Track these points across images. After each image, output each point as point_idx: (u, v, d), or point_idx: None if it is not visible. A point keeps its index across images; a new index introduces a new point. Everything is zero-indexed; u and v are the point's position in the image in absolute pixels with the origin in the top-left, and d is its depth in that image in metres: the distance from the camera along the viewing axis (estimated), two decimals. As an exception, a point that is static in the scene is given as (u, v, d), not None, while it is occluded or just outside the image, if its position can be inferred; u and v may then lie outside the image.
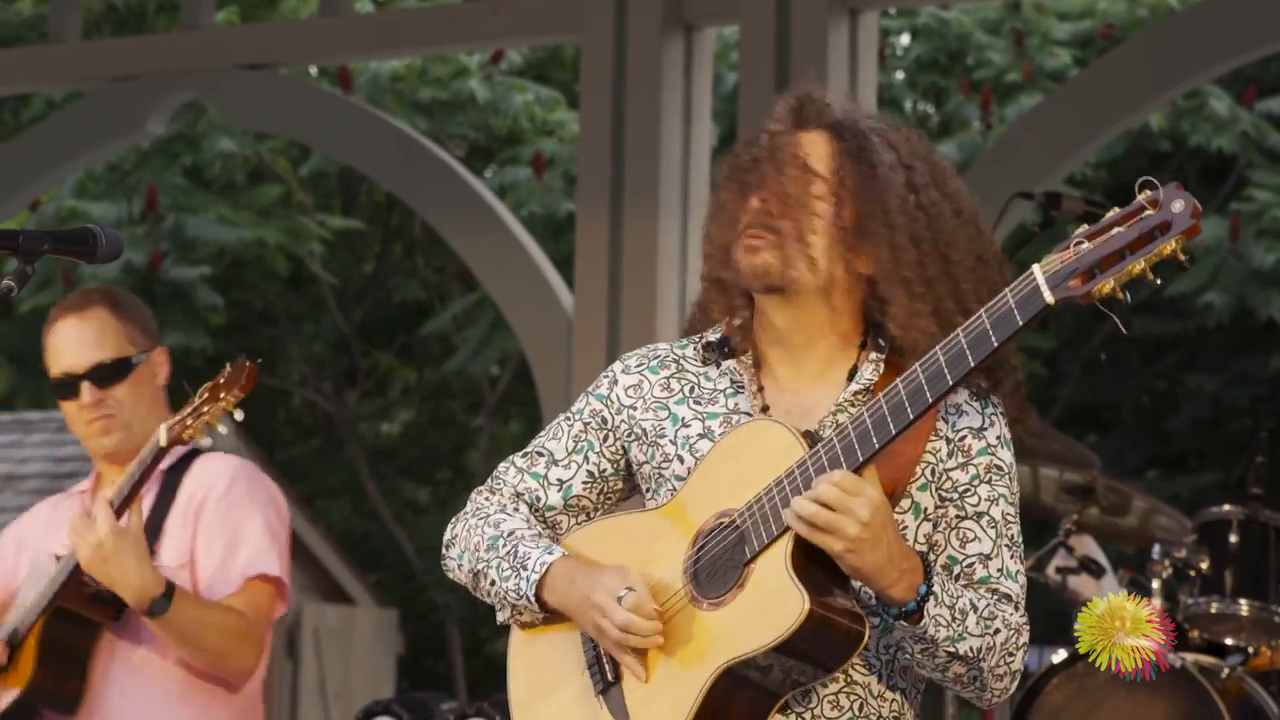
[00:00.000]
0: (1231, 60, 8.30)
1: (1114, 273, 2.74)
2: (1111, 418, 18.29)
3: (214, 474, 4.28)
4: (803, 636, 2.87)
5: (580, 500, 3.24)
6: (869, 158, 3.07)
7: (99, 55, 10.48)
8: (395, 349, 19.73)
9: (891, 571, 2.88)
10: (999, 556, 3.06)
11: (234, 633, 4.10)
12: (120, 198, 14.33)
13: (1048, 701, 5.88)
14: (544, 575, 3.09)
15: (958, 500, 3.05)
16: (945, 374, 2.86)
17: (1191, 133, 14.37)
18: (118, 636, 4.17)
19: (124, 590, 3.98)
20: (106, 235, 3.33)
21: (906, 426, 2.88)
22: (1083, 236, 2.78)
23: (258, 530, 4.21)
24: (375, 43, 9.79)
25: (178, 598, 4.00)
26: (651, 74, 8.30)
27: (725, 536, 2.99)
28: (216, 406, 3.99)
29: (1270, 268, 13.86)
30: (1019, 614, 3.05)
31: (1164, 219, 2.72)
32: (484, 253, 9.30)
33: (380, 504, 18.29)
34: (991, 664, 2.99)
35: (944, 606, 2.93)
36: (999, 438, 3.08)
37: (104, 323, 4.36)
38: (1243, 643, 6.07)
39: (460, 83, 14.67)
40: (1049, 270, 2.79)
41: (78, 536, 3.98)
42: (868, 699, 3.05)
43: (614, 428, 3.23)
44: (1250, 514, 5.99)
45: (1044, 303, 2.78)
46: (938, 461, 3.06)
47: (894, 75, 15.59)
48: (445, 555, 3.29)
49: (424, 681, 18.99)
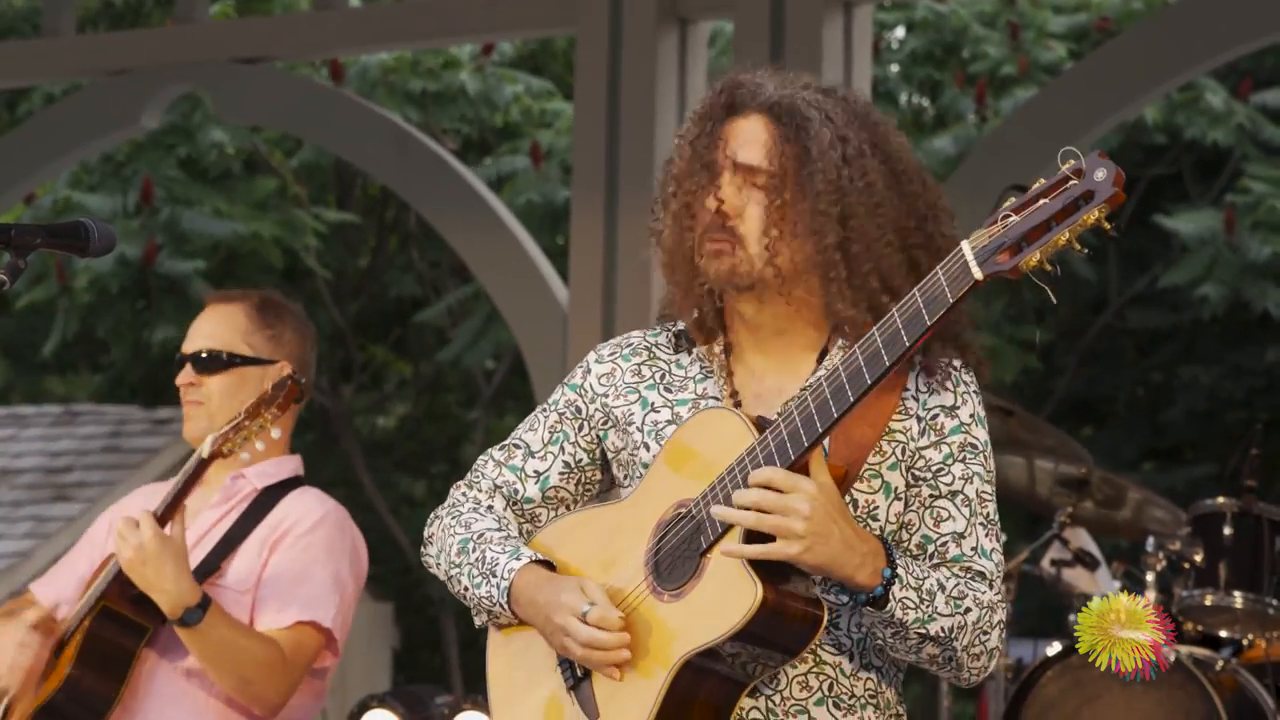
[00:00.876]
0: (1226, 53, 8.30)
1: (1040, 244, 2.73)
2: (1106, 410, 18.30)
3: (305, 509, 4.29)
4: (759, 624, 2.88)
5: (558, 491, 3.25)
6: (805, 140, 3.06)
7: (94, 49, 10.48)
8: (390, 343, 19.72)
9: (852, 558, 2.88)
10: (973, 534, 3.05)
11: (264, 664, 4.08)
12: (115, 190, 14.31)
13: (1042, 694, 5.88)
14: (510, 585, 3.09)
15: (931, 479, 3.05)
16: (882, 355, 2.86)
17: (1187, 126, 14.37)
18: (168, 644, 4.16)
19: (159, 596, 3.98)
20: (99, 229, 3.34)
21: (848, 409, 2.87)
22: (1009, 210, 2.78)
23: (326, 578, 4.21)
24: (369, 36, 9.80)
25: (212, 612, 4.00)
26: (646, 67, 8.31)
27: (683, 527, 3.00)
28: (256, 422, 4.02)
29: (1266, 260, 13.85)
30: (993, 591, 3.03)
31: (1087, 188, 2.71)
32: (479, 246, 9.30)
33: (376, 497, 18.28)
34: (965, 643, 2.98)
35: (909, 589, 2.92)
36: (972, 415, 3.08)
37: (232, 317, 4.39)
38: (1237, 635, 6.08)
39: (451, 74, 14.67)
40: (977, 246, 2.78)
41: (121, 539, 3.99)
42: (838, 679, 3.05)
43: (588, 417, 3.24)
44: (1244, 506, 6.00)
45: (972, 279, 2.78)
46: (909, 440, 3.05)
47: (889, 68, 15.58)
48: (424, 553, 3.31)
49: (419, 675, 18.99)
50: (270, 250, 15.16)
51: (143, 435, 15.05)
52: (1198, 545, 6.01)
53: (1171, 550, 6.04)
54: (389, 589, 18.26)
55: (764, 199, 3.06)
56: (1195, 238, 14.24)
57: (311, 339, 4.49)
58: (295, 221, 15.31)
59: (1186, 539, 6.04)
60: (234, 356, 4.34)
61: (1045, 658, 5.96)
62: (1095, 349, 17.63)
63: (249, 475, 4.36)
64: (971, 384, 3.10)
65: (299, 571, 4.19)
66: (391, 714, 6.36)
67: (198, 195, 14.51)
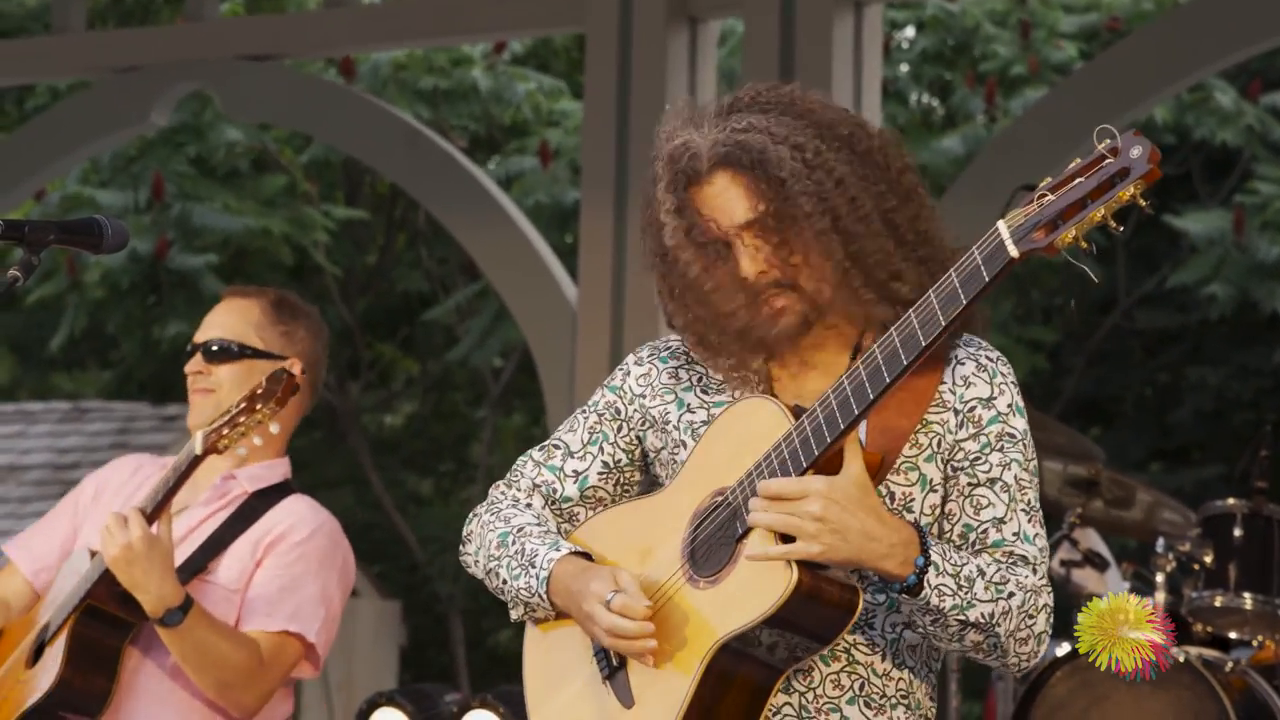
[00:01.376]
0: (1236, 54, 8.30)
1: (1075, 221, 2.73)
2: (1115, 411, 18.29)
3: (300, 517, 4.28)
4: (793, 608, 2.88)
5: (596, 491, 3.26)
6: (769, 169, 3.04)
7: (103, 46, 10.48)
8: (399, 340, 19.73)
9: (876, 548, 2.87)
10: (1014, 520, 3.04)
11: (242, 668, 4.08)
12: (126, 186, 14.32)
13: (1051, 695, 5.88)
14: (550, 575, 3.10)
15: (969, 468, 3.04)
16: (919, 336, 2.86)
17: (1196, 126, 14.36)
18: (152, 639, 4.16)
19: (142, 595, 3.97)
20: (112, 225, 3.33)
21: (884, 390, 2.87)
22: (1046, 189, 2.78)
23: (315, 591, 4.20)
24: (380, 34, 9.80)
25: (194, 614, 3.99)
26: (656, 66, 8.31)
27: (719, 514, 3.01)
28: (253, 418, 3.98)
29: (1274, 260, 13.85)
30: (1036, 576, 3.02)
31: (1123, 165, 2.71)
32: (488, 244, 9.31)
33: (383, 496, 18.29)
34: (1009, 628, 2.97)
35: (946, 576, 2.91)
36: (1010, 405, 3.08)
37: (247, 311, 4.39)
38: (1247, 636, 6.07)
39: (463, 71, 14.67)
40: (1014, 224, 2.79)
41: (109, 536, 3.97)
42: (870, 678, 3.05)
43: (627, 418, 3.24)
44: (1254, 507, 5.99)
45: (1008, 256, 2.78)
46: (945, 432, 3.05)
47: (899, 68, 15.57)
48: (463, 551, 3.31)
49: (427, 673, 18.99)
50: (279, 247, 15.17)
51: (151, 432, 15.08)
52: (1207, 546, 6.00)
53: (1181, 551, 6.03)
54: (396, 587, 18.27)
55: (778, 243, 3.05)
56: (1204, 238, 14.23)
57: (324, 341, 4.48)
58: (304, 218, 15.32)
59: (1196, 540, 6.04)
60: (245, 348, 4.33)
61: (1054, 658, 5.95)
62: (1103, 349, 17.61)
63: (240, 477, 4.35)
64: (1009, 374, 3.10)
65: (290, 581, 4.18)
66: (399, 712, 6.35)
67: (208, 192, 14.52)
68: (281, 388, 3.98)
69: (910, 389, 3.01)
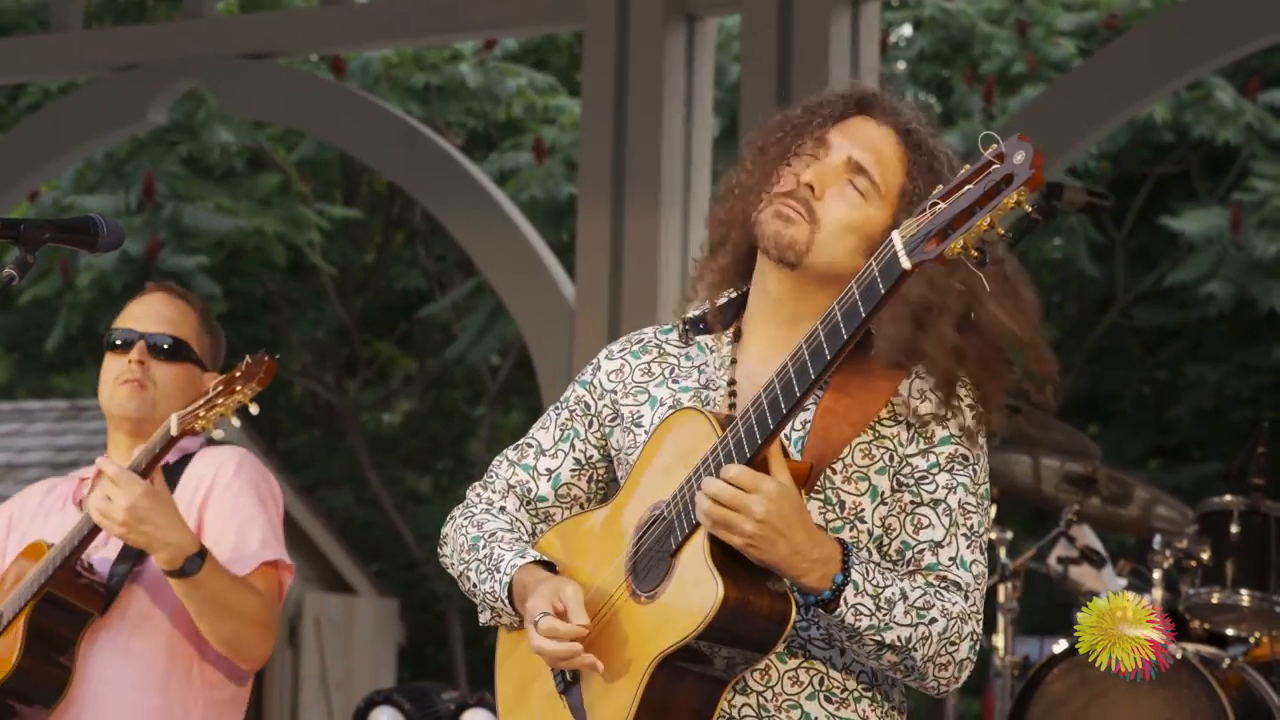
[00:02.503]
0: (1234, 51, 8.29)
1: (964, 231, 2.70)
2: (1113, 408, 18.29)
3: (219, 459, 4.23)
4: (724, 623, 2.87)
5: (570, 489, 3.25)
6: (924, 176, 3.07)
7: (100, 44, 10.48)
8: (396, 338, 19.73)
9: (800, 562, 2.87)
10: (952, 544, 3.01)
11: (254, 613, 4.05)
12: (118, 187, 14.32)
13: (1049, 692, 5.88)
14: (511, 581, 3.11)
15: (913, 486, 3.02)
16: (824, 350, 2.85)
17: (1195, 124, 14.36)
18: (104, 625, 4.12)
19: (161, 549, 3.90)
20: (108, 224, 3.32)
21: (796, 404, 2.85)
22: (938, 197, 2.75)
23: (265, 518, 4.17)
24: (376, 32, 9.80)
25: (210, 560, 3.96)
26: (654, 63, 8.30)
27: (656, 528, 3.00)
28: (231, 399, 3.89)
29: (1272, 258, 13.85)
30: (967, 603, 2.99)
31: (1007, 171, 2.69)
32: (485, 242, 9.31)
33: (381, 493, 18.30)
34: (928, 653, 2.95)
35: (866, 596, 2.90)
36: (963, 428, 3.05)
37: (187, 314, 4.32)
38: (1244, 633, 6.07)
39: (454, 67, 14.68)
40: (906, 235, 2.76)
41: (105, 504, 3.90)
42: (829, 673, 3.04)
43: (597, 413, 3.24)
44: (1251, 504, 5.99)
45: (901, 269, 2.76)
46: (897, 446, 3.03)
47: (896, 66, 15.57)
48: (440, 552, 3.32)
49: (425, 671, 18.99)
50: (274, 246, 15.16)
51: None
52: (1205, 543, 6.00)
53: (1178, 548, 6.03)
54: (395, 585, 18.28)
55: (858, 201, 3.06)
56: (1202, 236, 14.23)
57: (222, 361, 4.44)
58: (299, 217, 15.31)
59: (1194, 537, 6.03)
60: (191, 352, 4.29)
61: (1052, 655, 5.95)
62: (1101, 347, 17.62)
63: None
64: (966, 397, 3.06)
65: (243, 518, 4.12)
66: (397, 711, 6.36)
67: (200, 192, 14.51)
68: (263, 370, 3.91)
69: (859, 398, 3.00)
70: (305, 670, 15.81)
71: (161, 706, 4.14)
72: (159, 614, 4.12)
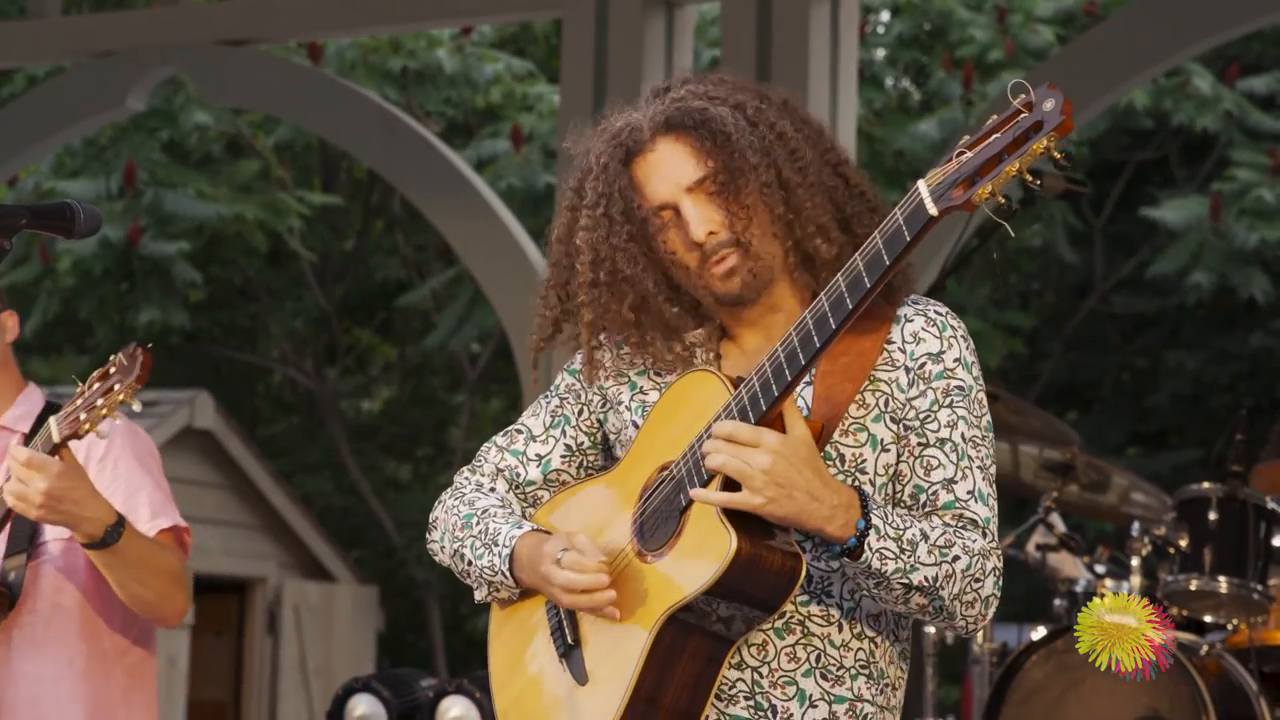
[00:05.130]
0: (1213, 38, 8.30)
1: (992, 177, 2.72)
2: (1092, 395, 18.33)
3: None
4: (734, 576, 2.87)
5: (560, 475, 3.26)
6: (714, 126, 3.04)
7: (79, 30, 10.45)
8: (375, 326, 19.72)
9: (820, 509, 2.86)
10: (967, 479, 3.02)
11: (173, 573, 3.98)
12: (98, 173, 14.30)
13: (1027, 678, 5.88)
14: (513, 552, 3.10)
15: (919, 428, 3.02)
16: (846, 300, 2.85)
17: (1174, 111, 14.39)
18: (14, 624, 4.07)
19: (83, 525, 3.81)
20: (85, 210, 3.31)
21: (816, 355, 2.86)
22: (964, 146, 2.77)
23: (150, 484, 4.07)
24: (354, 19, 9.78)
25: (129, 528, 3.90)
26: (633, 51, 8.29)
27: (665, 487, 3.00)
28: (112, 398, 3.72)
29: (1251, 246, 13.88)
30: (985, 539, 2.99)
31: (1037, 119, 2.70)
32: (465, 230, 9.30)
33: (361, 481, 18.29)
34: (954, 591, 2.94)
35: (888, 539, 2.89)
36: (958, 359, 3.05)
37: None
38: (1222, 620, 6.08)
39: (430, 53, 14.67)
40: (933, 183, 2.78)
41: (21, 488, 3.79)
42: (826, 649, 3.04)
43: (587, 401, 3.25)
44: (1230, 491, 5.99)
45: (928, 215, 2.76)
46: (896, 391, 3.03)
47: (875, 52, 15.57)
48: (429, 538, 3.32)
49: (405, 658, 19.00)
50: (254, 233, 15.15)
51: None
52: (1183, 530, 6.00)
53: (1157, 535, 6.04)
54: (374, 572, 18.28)
55: (725, 201, 3.05)
56: (1181, 225, 14.26)
57: None
58: (279, 204, 15.29)
59: (1172, 524, 6.04)
60: None
61: (1030, 642, 5.95)
62: (1080, 334, 17.65)
63: (7, 422, 4.14)
64: (960, 328, 3.09)
65: (129, 487, 4.03)
66: (375, 698, 6.35)
67: (181, 178, 14.49)
68: (139, 366, 3.70)
69: (855, 352, 3.01)
70: (284, 657, 15.80)
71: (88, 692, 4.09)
72: (66, 600, 4.04)
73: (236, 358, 19.20)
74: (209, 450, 15.00)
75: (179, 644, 14.70)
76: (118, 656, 4.14)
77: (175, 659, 14.62)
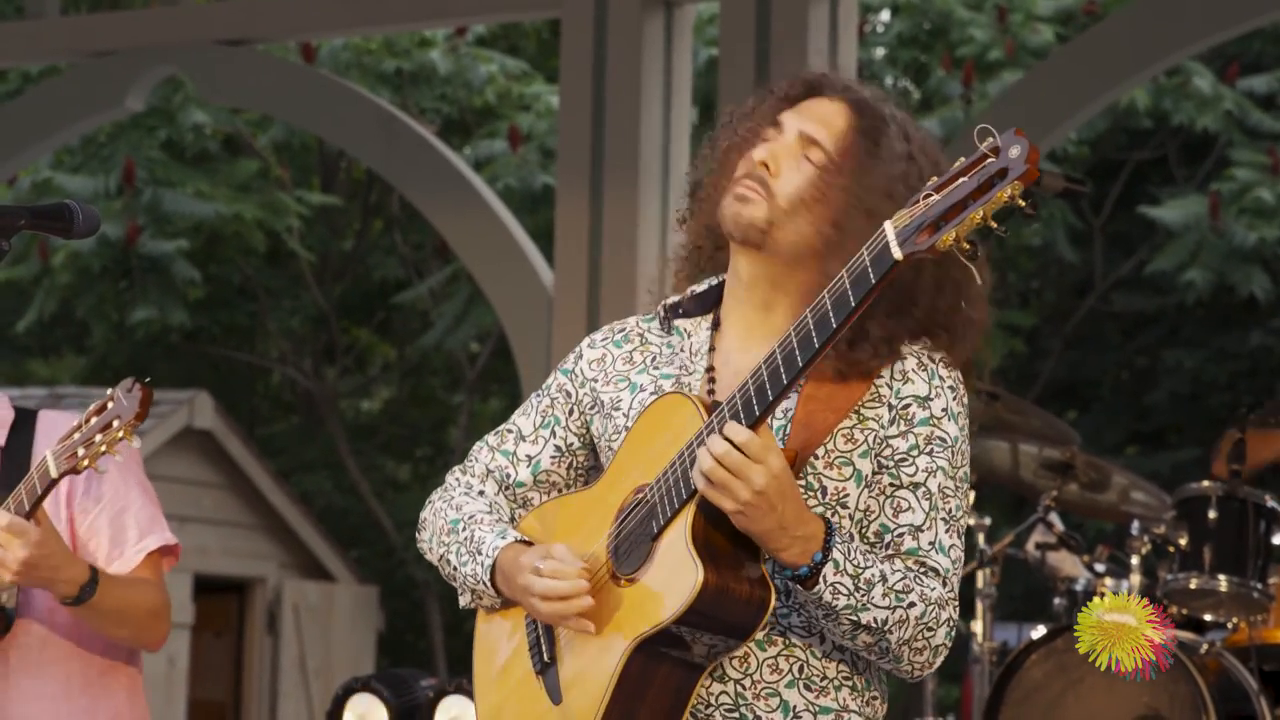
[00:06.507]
0: (1213, 37, 8.30)
1: (957, 223, 2.71)
2: (1091, 394, 18.32)
3: None
4: (703, 607, 2.87)
5: (549, 475, 3.25)
6: (879, 140, 3.07)
7: (77, 30, 10.45)
8: (374, 325, 19.71)
9: (782, 538, 2.87)
10: (931, 528, 3.01)
11: (150, 608, 3.96)
12: (97, 171, 14.29)
13: (1026, 677, 5.88)
14: (495, 563, 3.10)
15: (893, 469, 3.02)
16: (813, 338, 2.85)
17: (1174, 110, 14.38)
18: (11, 645, 4.05)
19: (57, 586, 3.80)
20: (83, 211, 3.30)
21: (784, 390, 2.86)
22: (932, 189, 2.76)
23: (139, 497, 4.06)
24: (352, 19, 9.77)
25: (102, 580, 3.89)
26: (632, 50, 8.29)
27: (639, 512, 3.00)
28: (111, 434, 3.69)
29: (1251, 245, 13.87)
30: (945, 589, 2.99)
31: (1002, 165, 2.69)
32: (464, 229, 9.29)
33: (360, 481, 18.28)
34: (903, 637, 2.95)
35: (845, 575, 2.90)
36: (945, 410, 3.04)
37: None
38: (1221, 618, 6.08)
39: (424, 53, 14.67)
40: (899, 225, 2.77)
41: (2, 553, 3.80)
42: (809, 661, 3.03)
43: (578, 401, 3.24)
44: (1229, 490, 5.99)
45: (892, 260, 2.76)
46: (879, 428, 3.03)
47: (874, 51, 15.57)
48: (419, 538, 3.32)
49: (404, 658, 18.99)
50: (252, 232, 15.14)
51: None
52: (1182, 529, 6.00)
53: (1156, 534, 6.04)
54: (374, 572, 18.27)
55: (813, 174, 3.06)
56: (1180, 223, 14.26)
57: None
58: (277, 203, 15.29)
59: (1171, 523, 6.04)
60: None
61: (1030, 641, 5.95)
62: (1080, 333, 17.64)
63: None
64: (949, 379, 3.07)
65: (118, 506, 3.99)
66: (375, 698, 6.35)
67: (179, 177, 14.49)
68: (139, 403, 3.64)
69: (843, 382, 3.00)
70: (284, 657, 15.79)
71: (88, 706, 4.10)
72: (61, 619, 4.02)
73: (235, 357, 19.20)
74: (208, 450, 14.99)
75: (179, 644, 14.70)
76: (115, 671, 4.14)
77: (175, 659, 14.61)
